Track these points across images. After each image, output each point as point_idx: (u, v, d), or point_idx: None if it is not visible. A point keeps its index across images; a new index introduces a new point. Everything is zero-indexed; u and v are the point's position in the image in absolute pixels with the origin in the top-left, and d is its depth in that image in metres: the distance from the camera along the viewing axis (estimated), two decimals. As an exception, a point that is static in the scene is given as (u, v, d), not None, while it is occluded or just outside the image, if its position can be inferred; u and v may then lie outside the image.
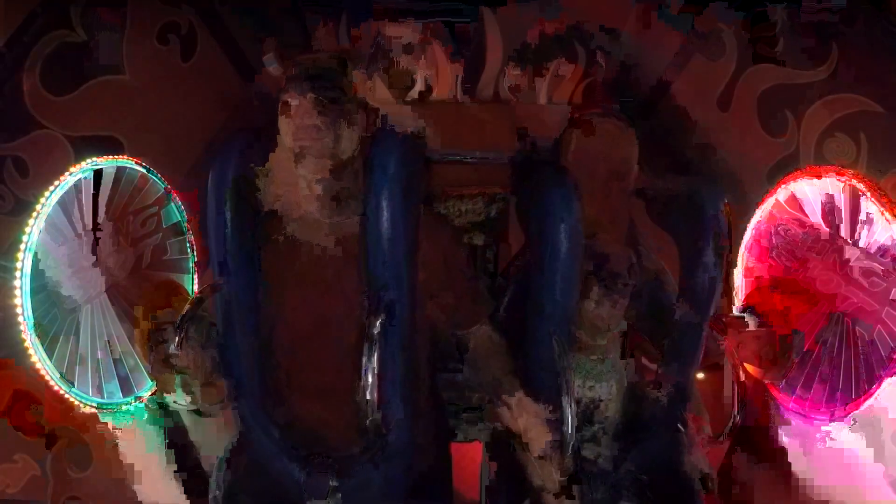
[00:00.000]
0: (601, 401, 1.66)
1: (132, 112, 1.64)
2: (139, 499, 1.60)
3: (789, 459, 1.77)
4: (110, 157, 1.53)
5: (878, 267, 1.43)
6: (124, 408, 1.58)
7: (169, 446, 1.87)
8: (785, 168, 1.69)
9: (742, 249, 1.84)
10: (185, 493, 1.91)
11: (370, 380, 1.12)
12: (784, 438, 1.78)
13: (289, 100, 1.24)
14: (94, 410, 1.48)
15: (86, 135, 1.49)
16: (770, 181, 1.74)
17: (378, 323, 1.19)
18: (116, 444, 1.56)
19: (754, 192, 1.79)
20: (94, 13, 1.47)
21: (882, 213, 1.39)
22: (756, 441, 1.89)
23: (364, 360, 1.12)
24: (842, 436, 1.56)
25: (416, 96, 2.29)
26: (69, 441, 1.41)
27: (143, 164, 1.62)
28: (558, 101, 2.36)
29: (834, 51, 1.54)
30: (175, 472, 1.79)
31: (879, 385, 1.43)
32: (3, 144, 1.30)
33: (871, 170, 1.45)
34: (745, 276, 1.86)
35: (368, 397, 1.11)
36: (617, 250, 1.61)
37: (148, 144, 1.67)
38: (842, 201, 1.52)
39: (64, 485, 1.38)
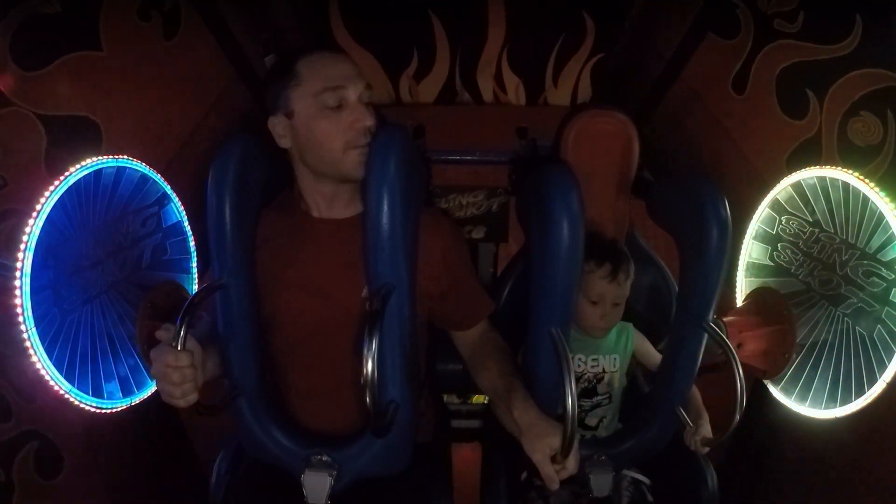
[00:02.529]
0: (605, 373, 1.68)
1: (109, 92, 1.54)
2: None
3: (790, 459, 1.77)
4: (95, 148, 1.49)
5: (878, 266, 1.42)
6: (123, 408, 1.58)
7: (166, 445, 1.87)
8: (805, 153, 1.58)
9: (743, 248, 1.83)
10: (182, 492, 1.92)
11: (370, 365, 1.12)
12: (784, 438, 1.78)
13: None
14: (94, 410, 1.48)
15: (59, 114, 1.39)
16: (789, 168, 1.63)
17: (377, 310, 1.19)
18: (92, 452, 1.51)
19: (771, 181, 1.68)
20: None
21: (884, 212, 1.39)
22: (756, 441, 1.89)
23: (364, 346, 1.12)
24: (841, 435, 1.56)
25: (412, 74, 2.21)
26: (40, 445, 1.35)
27: (144, 164, 1.61)
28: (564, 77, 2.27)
29: (858, 22, 1.43)
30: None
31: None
32: None
33: None
34: (746, 274, 1.85)
35: (369, 379, 1.12)
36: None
37: (125, 128, 1.59)
38: (842, 199, 1.51)
39: (30, 492, 1.31)
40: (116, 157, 1.52)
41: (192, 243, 1.84)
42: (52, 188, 1.34)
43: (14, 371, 1.31)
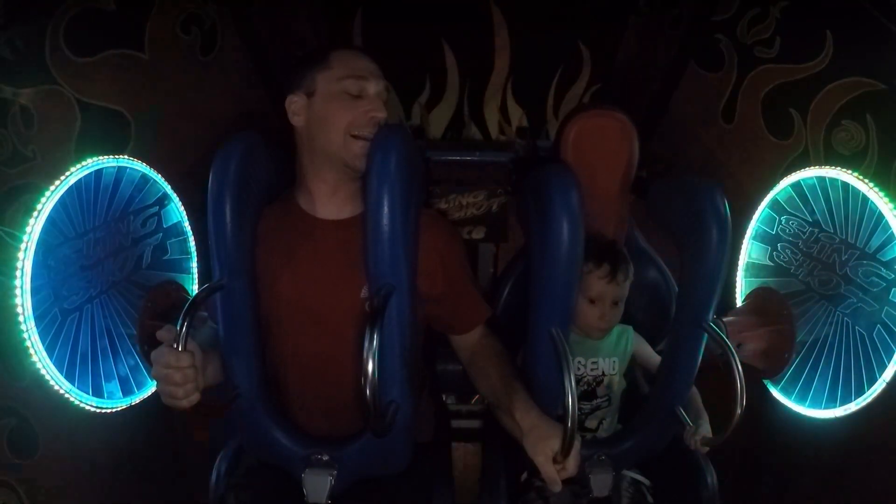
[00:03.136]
0: (605, 376, 1.68)
1: (145, 92, 1.62)
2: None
3: (789, 459, 1.77)
4: (113, 154, 1.51)
5: (878, 266, 1.42)
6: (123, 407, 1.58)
7: (159, 446, 1.87)
8: (796, 171, 1.65)
9: (743, 248, 1.83)
10: (173, 494, 1.91)
11: (370, 365, 1.12)
12: (784, 438, 1.78)
13: None
14: (94, 409, 1.48)
15: (96, 103, 1.46)
16: (782, 189, 1.70)
17: (377, 309, 1.19)
18: (73, 440, 1.50)
19: (764, 202, 1.75)
20: None
21: (884, 212, 1.39)
22: (756, 441, 1.89)
23: (364, 346, 1.12)
24: (841, 435, 1.56)
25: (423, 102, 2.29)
26: (17, 423, 1.35)
27: (144, 163, 1.62)
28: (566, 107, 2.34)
29: (829, 37, 1.51)
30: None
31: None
32: (14, 89, 1.27)
33: (883, 153, 1.41)
34: (746, 274, 1.85)
35: (369, 380, 1.12)
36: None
37: (154, 129, 1.65)
38: (842, 199, 1.51)
39: None
40: (117, 156, 1.52)
41: (192, 243, 1.84)
42: (52, 187, 1.34)
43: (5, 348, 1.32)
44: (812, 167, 1.58)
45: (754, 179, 1.79)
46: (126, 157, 1.56)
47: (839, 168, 1.50)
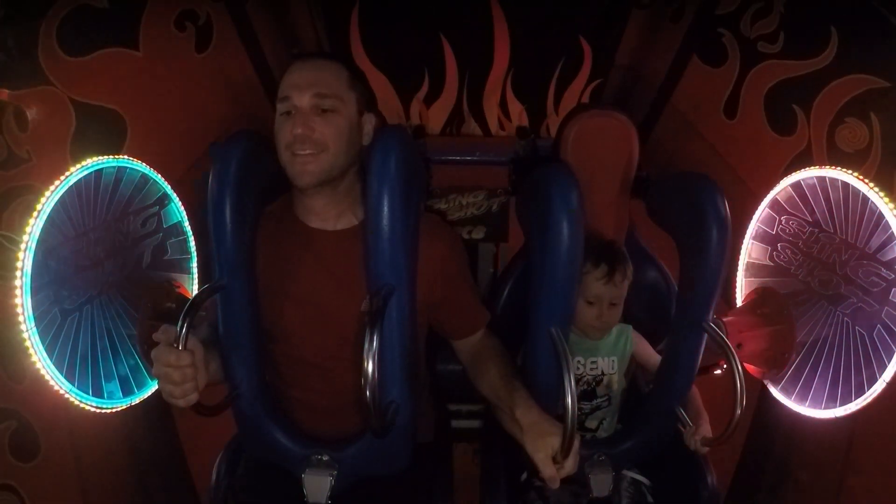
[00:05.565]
0: (604, 375, 1.68)
1: (140, 90, 1.62)
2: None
3: (789, 459, 1.77)
4: (110, 153, 1.50)
5: (878, 266, 1.42)
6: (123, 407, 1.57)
7: (161, 446, 1.87)
8: (798, 168, 1.64)
9: (743, 248, 1.83)
10: (175, 494, 1.91)
11: (371, 365, 1.12)
12: (784, 438, 1.78)
13: None
14: (94, 409, 1.47)
15: (91, 102, 1.46)
16: (784, 185, 1.69)
17: (377, 310, 1.19)
18: (74, 441, 1.49)
19: (764, 201, 1.74)
20: None
21: (884, 212, 1.39)
22: (756, 442, 1.89)
23: (365, 346, 1.12)
24: (841, 435, 1.56)
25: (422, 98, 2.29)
26: (18, 426, 1.36)
27: (144, 163, 1.61)
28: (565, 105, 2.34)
29: (833, 34, 1.50)
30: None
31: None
32: (8, 91, 1.27)
33: (886, 152, 1.41)
34: (746, 274, 1.85)
35: (369, 380, 1.12)
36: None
37: (150, 127, 1.65)
38: (842, 199, 1.51)
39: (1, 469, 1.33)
40: (117, 156, 1.52)
41: (192, 243, 1.83)
42: (52, 188, 1.34)
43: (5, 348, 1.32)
44: (813, 167, 1.58)
45: (756, 175, 1.79)
46: (126, 157, 1.55)
47: (840, 168, 1.50)
